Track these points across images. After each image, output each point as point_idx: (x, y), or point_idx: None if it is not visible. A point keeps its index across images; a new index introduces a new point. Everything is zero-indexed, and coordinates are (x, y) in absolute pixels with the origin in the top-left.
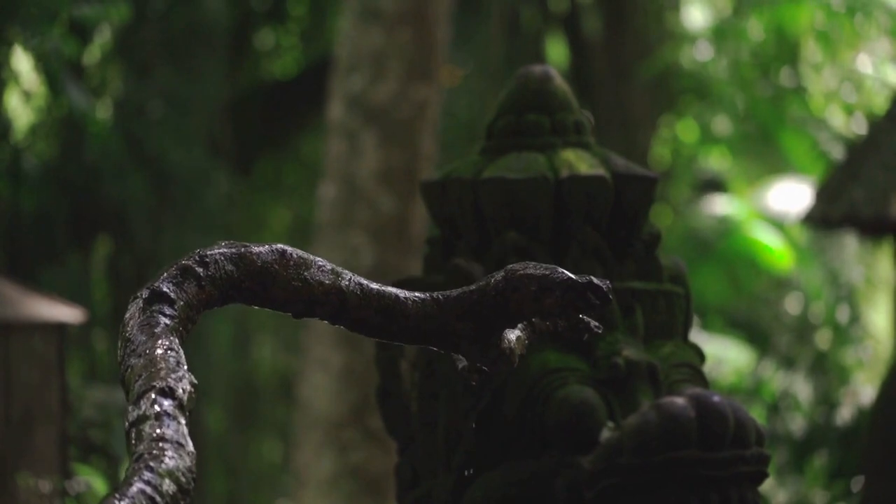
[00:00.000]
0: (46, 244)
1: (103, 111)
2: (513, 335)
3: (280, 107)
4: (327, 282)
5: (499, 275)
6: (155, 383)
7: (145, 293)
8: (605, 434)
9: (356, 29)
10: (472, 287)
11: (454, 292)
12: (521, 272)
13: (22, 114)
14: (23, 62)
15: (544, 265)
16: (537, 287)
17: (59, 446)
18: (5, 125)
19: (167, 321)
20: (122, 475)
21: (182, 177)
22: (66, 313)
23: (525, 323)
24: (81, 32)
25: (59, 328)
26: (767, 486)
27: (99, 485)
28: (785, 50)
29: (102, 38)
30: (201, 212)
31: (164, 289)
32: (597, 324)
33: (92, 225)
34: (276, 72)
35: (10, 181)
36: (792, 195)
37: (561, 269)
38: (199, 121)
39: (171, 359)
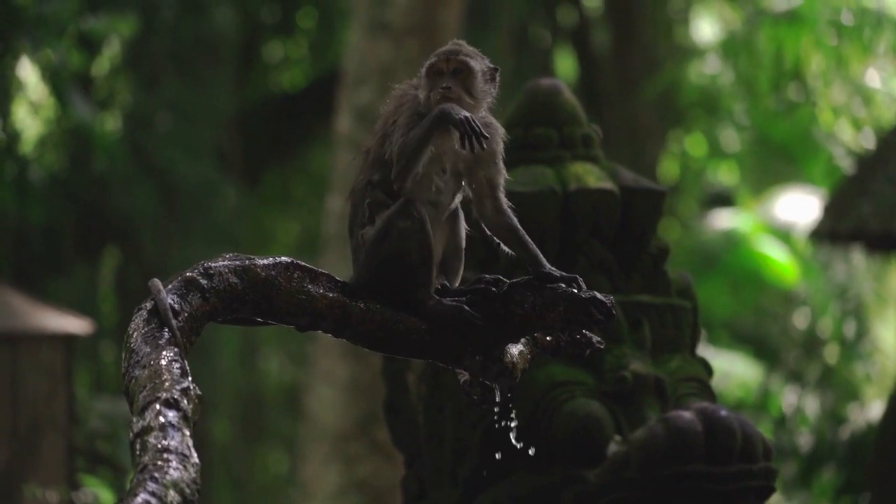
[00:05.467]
0: (54, 256)
1: (112, 123)
2: (515, 349)
3: (288, 119)
4: (331, 295)
5: (502, 289)
6: (159, 394)
7: (150, 304)
8: (613, 448)
9: (364, 42)
10: (475, 301)
11: None
12: (524, 286)
13: (30, 125)
14: (30, 74)
15: None
16: (540, 302)
17: (65, 457)
18: (12, 137)
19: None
20: (128, 486)
21: (189, 189)
22: (73, 324)
23: (528, 337)
24: (90, 45)
25: (67, 339)
26: (774, 500)
27: (106, 496)
28: (794, 64)
29: (111, 51)
30: (209, 224)
31: (169, 300)
32: (599, 339)
33: (99, 236)
34: (284, 84)
35: (17, 193)
36: (799, 207)
37: (564, 284)
38: (207, 133)
39: (176, 370)
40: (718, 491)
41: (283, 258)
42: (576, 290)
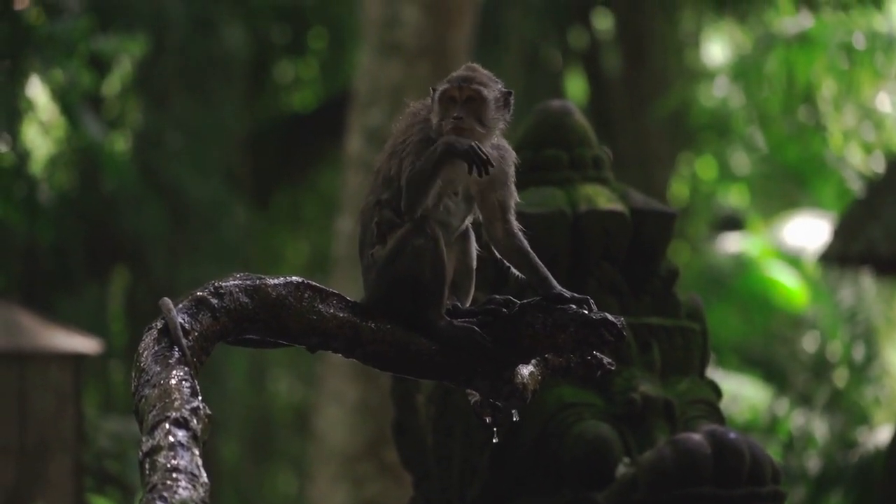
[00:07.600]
0: (63, 275)
1: (122, 142)
2: (526, 371)
3: (298, 140)
4: (342, 314)
5: (512, 310)
6: (169, 414)
7: (160, 324)
8: (621, 469)
9: (375, 63)
10: (486, 322)
11: None
12: (535, 308)
13: (40, 145)
14: (41, 93)
15: None
16: (551, 323)
17: (73, 476)
18: (22, 156)
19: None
20: None
21: (200, 208)
22: (82, 344)
23: (538, 359)
24: (100, 64)
25: (76, 358)
26: None
27: None
28: (805, 87)
29: (122, 70)
30: (218, 243)
31: (179, 319)
32: (610, 360)
33: (109, 256)
34: (294, 104)
35: (27, 212)
36: (809, 231)
37: (575, 306)
38: (217, 152)
39: (186, 389)
40: None
41: (294, 278)
42: (586, 312)
